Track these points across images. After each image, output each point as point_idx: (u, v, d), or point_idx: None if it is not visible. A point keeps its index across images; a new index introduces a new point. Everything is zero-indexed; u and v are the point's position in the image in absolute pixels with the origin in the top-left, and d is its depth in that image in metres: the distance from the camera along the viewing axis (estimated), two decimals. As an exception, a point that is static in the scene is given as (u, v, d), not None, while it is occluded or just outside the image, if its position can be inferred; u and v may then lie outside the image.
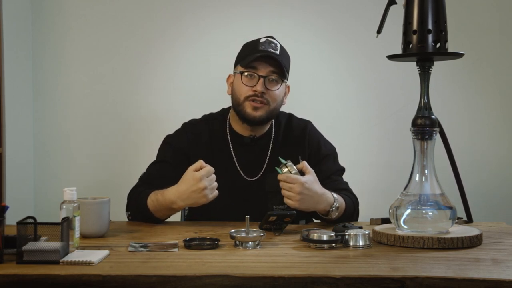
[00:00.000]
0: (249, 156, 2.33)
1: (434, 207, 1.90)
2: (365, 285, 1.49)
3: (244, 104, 2.26)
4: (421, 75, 1.94)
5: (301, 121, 2.44)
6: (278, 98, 2.29)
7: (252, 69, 2.25)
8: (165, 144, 2.40)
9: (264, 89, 2.24)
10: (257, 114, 2.26)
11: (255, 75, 2.25)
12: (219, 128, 2.38)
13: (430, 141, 1.93)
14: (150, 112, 3.19)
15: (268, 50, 2.26)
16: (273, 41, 2.30)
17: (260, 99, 2.24)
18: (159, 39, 3.18)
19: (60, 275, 1.51)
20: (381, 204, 2.36)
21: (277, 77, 2.26)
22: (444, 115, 2.31)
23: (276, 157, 2.31)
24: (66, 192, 1.79)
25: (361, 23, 3.14)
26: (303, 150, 2.36)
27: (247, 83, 2.26)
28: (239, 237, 1.82)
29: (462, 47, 2.20)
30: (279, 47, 2.30)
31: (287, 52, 2.34)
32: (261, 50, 2.26)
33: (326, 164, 2.35)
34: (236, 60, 2.36)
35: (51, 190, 3.15)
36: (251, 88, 2.25)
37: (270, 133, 2.37)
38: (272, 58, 2.25)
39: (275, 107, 2.29)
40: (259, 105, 2.25)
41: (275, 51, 2.27)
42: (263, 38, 2.30)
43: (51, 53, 3.17)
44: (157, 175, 2.29)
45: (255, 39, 2.32)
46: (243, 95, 2.26)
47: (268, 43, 2.28)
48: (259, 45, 2.27)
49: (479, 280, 1.49)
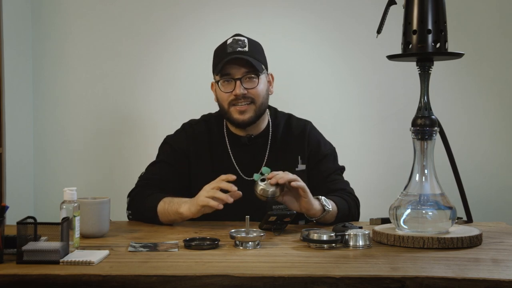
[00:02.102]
0: (247, 156, 2.34)
1: (434, 207, 1.90)
2: (365, 285, 1.50)
3: (230, 111, 2.27)
4: (421, 75, 1.94)
5: (301, 121, 2.43)
6: (262, 93, 2.28)
7: (226, 75, 2.26)
8: (164, 144, 2.41)
9: (243, 90, 2.24)
10: (245, 117, 2.26)
11: (231, 79, 2.25)
12: (217, 128, 2.38)
13: (430, 141, 1.93)
14: (150, 112, 3.19)
15: (236, 50, 2.25)
16: (240, 38, 2.30)
17: (243, 100, 2.25)
18: (159, 39, 3.18)
19: (60, 275, 1.51)
20: (381, 204, 2.36)
21: (252, 74, 2.26)
22: (444, 115, 2.31)
23: (275, 156, 2.32)
24: (66, 192, 1.79)
25: (361, 23, 3.14)
26: (302, 150, 2.35)
27: (225, 89, 2.27)
28: (239, 237, 1.82)
29: (462, 47, 2.20)
30: (247, 42, 2.29)
31: (257, 44, 2.34)
32: (229, 52, 2.25)
33: (325, 164, 2.35)
34: (212, 67, 2.37)
35: (51, 190, 3.15)
36: (231, 93, 2.26)
37: (268, 132, 2.37)
38: (241, 58, 2.24)
39: (261, 102, 2.29)
40: (244, 107, 2.26)
41: (243, 49, 2.26)
42: (230, 39, 2.30)
43: (51, 53, 3.17)
44: (157, 176, 2.30)
45: (223, 42, 2.33)
46: (226, 102, 2.27)
47: (235, 42, 2.28)
48: (227, 48, 2.27)
49: (479, 280, 1.49)
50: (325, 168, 2.34)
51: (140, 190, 2.27)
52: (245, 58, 2.23)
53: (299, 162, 2.34)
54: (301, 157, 2.34)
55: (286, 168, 2.23)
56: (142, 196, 2.23)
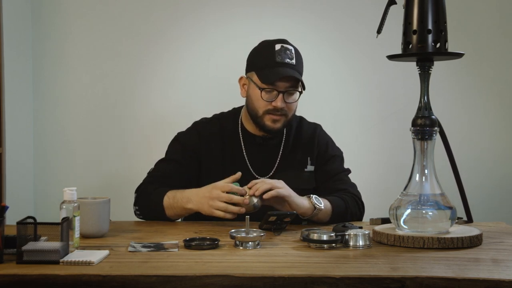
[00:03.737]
0: (261, 155, 2.35)
1: (434, 207, 1.90)
2: (365, 285, 1.49)
3: (264, 117, 2.28)
4: (421, 75, 1.94)
5: (311, 124, 2.47)
6: (294, 107, 2.32)
7: (272, 85, 2.24)
8: (175, 141, 2.40)
9: (283, 103, 2.25)
10: (276, 126, 2.28)
11: (274, 91, 2.25)
12: (231, 127, 2.39)
13: (430, 141, 1.92)
14: (150, 112, 3.19)
15: (285, 62, 2.24)
16: (288, 47, 2.28)
17: (279, 112, 2.26)
18: (159, 39, 3.18)
19: (60, 275, 1.51)
20: (381, 204, 2.36)
21: (294, 89, 2.27)
22: (444, 115, 2.31)
23: (286, 157, 2.34)
24: (66, 192, 1.79)
25: (361, 23, 3.14)
26: (312, 151, 2.39)
27: (266, 99, 2.26)
28: (239, 237, 1.82)
29: (462, 47, 2.20)
30: (294, 53, 2.28)
31: (300, 54, 2.33)
32: (278, 63, 2.24)
33: (332, 165, 2.38)
34: (251, 64, 2.33)
35: (51, 190, 3.15)
36: (270, 103, 2.25)
37: (282, 134, 2.39)
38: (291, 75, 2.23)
39: (292, 115, 2.32)
40: (278, 118, 2.27)
41: (291, 61, 2.25)
42: (278, 45, 2.27)
43: (51, 53, 3.17)
44: (166, 173, 2.31)
45: (270, 43, 2.29)
46: (262, 109, 2.27)
47: (284, 51, 2.26)
48: (275, 55, 2.25)
49: (479, 280, 1.49)
50: (331, 168, 2.37)
51: (146, 186, 2.28)
52: (293, 75, 2.23)
53: (308, 163, 2.37)
54: (310, 158, 2.38)
55: (296, 168, 2.32)
56: (148, 192, 2.24)
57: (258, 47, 2.33)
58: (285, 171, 2.33)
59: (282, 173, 2.32)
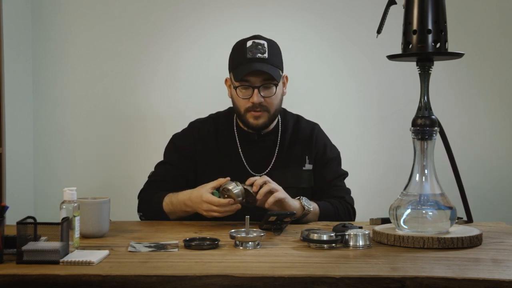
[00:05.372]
0: (257, 153, 2.37)
1: (434, 207, 1.90)
2: (365, 285, 1.49)
3: (246, 115, 2.30)
4: (421, 75, 1.94)
5: (309, 123, 2.47)
6: (276, 100, 2.31)
7: (245, 82, 2.26)
8: (170, 144, 2.44)
9: (261, 98, 2.26)
10: (260, 122, 2.30)
11: (249, 87, 2.26)
12: (226, 126, 2.40)
13: (430, 141, 1.92)
14: (150, 112, 3.19)
15: (256, 57, 2.25)
16: (260, 42, 2.28)
17: (259, 108, 2.27)
18: (159, 39, 3.18)
19: (60, 275, 1.51)
20: (381, 204, 2.36)
21: (270, 82, 2.27)
22: (444, 115, 2.31)
23: (283, 154, 2.36)
24: (66, 192, 1.79)
25: (361, 23, 3.14)
26: (310, 151, 2.39)
27: (243, 96, 2.28)
28: (239, 237, 1.82)
29: (462, 47, 2.20)
30: (267, 47, 2.28)
31: (275, 46, 2.33)
32: (249, 58, 2.25)
33: (329, 169, 2.40)
34: (229, 65, 2.36)
35: (51, 190, 3.15)
36: (248, 100, 2.28)
37: (277, 130, 2.40)
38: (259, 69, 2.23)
39: (275, 109, 2.32)
40: (259, 114, 2.28)
41: (263, 55, 2.26)
42: (249, 41, 2.29)
43: (51, 53, 3.17)
44: (164, 177, 2.36)
45: (242, 41, 2.31)
46: (242, 107, 2.30)
47: (254, 46, 2.27)
48: (246, 52, 2.26)
49: (479, 280, 1.49)
50: (329, 172, 2.40)
51: (146, 193, 2.34)
52: (264, 69, 2.24)
53: (306, 162, 2.38)
54: (308, 157, 2.39)
55: (294, 166, 2.34)
56: (148, 199, 2.31)
57: (233, 47, 2.36)
58: (283, 168, 2.34)
59: (280, 170, 2.33)
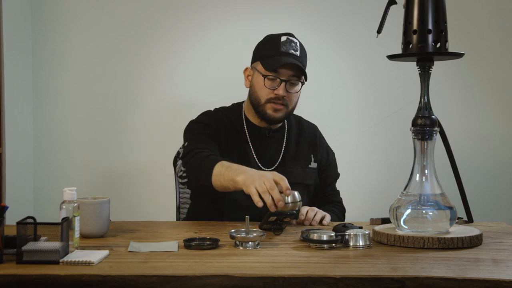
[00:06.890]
0: (266, 148, 2.38)
1: (434, 207, 1.90)
2: (365, 285, 1.49)
3: (265, 106, 2.30)
4: (421, 75, 1.94)
5: (310, 124, 2.52)
6: (296, 98, 2.34)
7: (275, 73, 2.27)
8: (193, 124, 2.35)
9: (285, 92, 2.28)
10: (278, 115, 2.30)
11: (277, 79, 2.27)
12: (236, 119, 2.40)
13: (430, 141, 1.92)
14: (150, 112, 3.19)
15: (289, 52, 2.28)
16: (293, 39, 2.32)
17: (281, 101, 2.28)
18: (159, 40, 3.19)
19: (60, 275, 1.51)
20: (381, 204, 2.36)
21: (297, 79, 2.29)
22: (444, 115, 2.31)
23: (291, 151, 2.39)
24: (66, 192, 1.79)
25: (361, 23, 3.14)
26: (315, 151, 2.45)
27: (269, 86, 2.28)
28: (239, 237, 1.82)
29: (462, 47, 2.20)
30: (299, 46, 2.32)
31: (305, 49, 2.36)
32: (283, 52, 2.27)
33: (330, 172, 2.49)
34: (256, 54, 2.36)
35: (51, 190, 3.15)
36: (272, 91, 2.28)
37: (283, 128, 2.43)
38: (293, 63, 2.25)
39: (293, 107, 2.35)
40: (280, 107, 2.29)
41: (295, 52, 2.29)
42: (284, 37, 2.31)
43: (51, 53, 3.17)
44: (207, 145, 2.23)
45: (276, 36, 2.33)
46: (264, 97, 2.29)
47: (289, 43, 2.30)
48: (281, 46, 2.28)
49: (479, 280, 1.49)
50: (328, 176, 2.48)
51: (201, 151, 2.18)
52: (296, 63, 2.25)
53: (312, 160, 2.42)
54: (314, 156, 2.43)
55: (301, 163, 2.37)
56: (202, 156, 2.14)
57: (264, 39, 2.37)
58: (290, 165, 2.37)
59: (288, 167, 2.35)
